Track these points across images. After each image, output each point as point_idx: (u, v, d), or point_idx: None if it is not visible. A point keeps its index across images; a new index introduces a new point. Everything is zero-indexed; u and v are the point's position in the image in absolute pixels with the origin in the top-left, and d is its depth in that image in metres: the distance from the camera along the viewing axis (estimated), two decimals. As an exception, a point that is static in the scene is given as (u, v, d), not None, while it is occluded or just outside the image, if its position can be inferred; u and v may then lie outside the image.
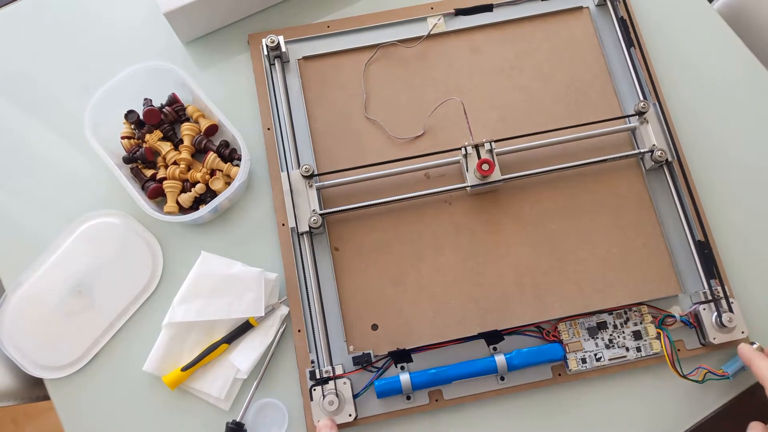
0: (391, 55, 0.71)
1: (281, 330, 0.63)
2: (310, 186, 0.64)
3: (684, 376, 0.58)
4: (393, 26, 0.72)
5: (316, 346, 0.61)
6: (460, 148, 0.64)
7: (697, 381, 0.59)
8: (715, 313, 0.61)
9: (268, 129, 0.68)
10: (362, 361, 0.60)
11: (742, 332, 0.60)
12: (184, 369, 0.60)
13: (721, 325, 0.60)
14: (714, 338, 0.60)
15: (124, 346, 0.63)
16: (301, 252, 0.63)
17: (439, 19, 0.71)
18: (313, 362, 0.60)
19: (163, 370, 0.61)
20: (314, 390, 0.59)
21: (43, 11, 0.75)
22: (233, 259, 0.64)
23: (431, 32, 0.71)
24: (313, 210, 0.63)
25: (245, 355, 0.62)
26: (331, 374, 0.59)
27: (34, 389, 0.75)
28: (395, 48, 0.71)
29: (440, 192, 0.65)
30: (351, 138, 0.68)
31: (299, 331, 0.62)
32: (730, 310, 0.60)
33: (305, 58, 0.70)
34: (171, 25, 0.69)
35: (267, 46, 0.67)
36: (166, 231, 0.67)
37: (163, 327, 0.62)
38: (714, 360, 0.62)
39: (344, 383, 0.59)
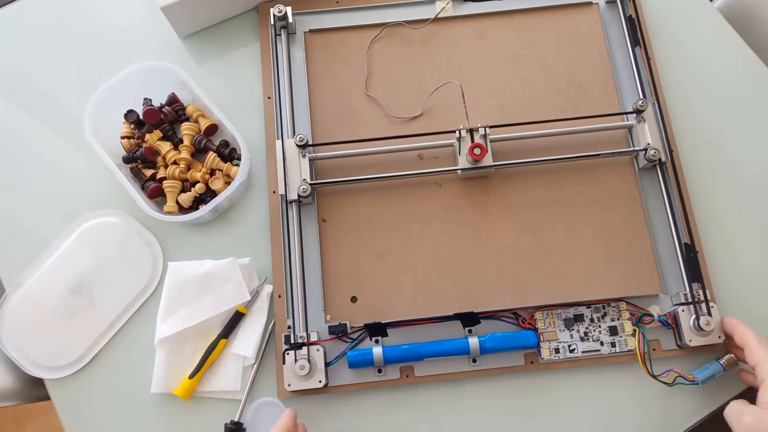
0: (397, 35, 0.71)
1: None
2: (303, 156, 0.65)
3: (654, 377, 0.58)
4: (401, 7, 0.72)
5: (293, 311, 0.62)
6: (454, 131, 0.65)
7: (666, 383, 0.59)
8: (694, 316, 0.60)
9: (269, 98, 0.69)
10: (338, 331, 0.61)
11: (719, 337, 0.60)
12: (191, 376, 0.61)
13: (698, 328, 0.60)
14: (690, 340, 0.60)
15: (124, 345, 0.64)
16: (288, 220, 0.64)
17: (447, 3, 0.72)
18: (289, 327, 0.62)
19: (170, 385, 0.61)
20: (287, 354, 0.60)
21: (42, 11, 0.75)
22: (230, 259, 0.64)
23: (438, 15, 0.71)
24: (304, 179, 0.64)
25: (246, 341, 0.62)
26: (306, 340, 0.60)
27: (35, 389, 0.75)
28: (401, 28, 0.72)
29: (431, 173, 0.66)
30: (349, 113, 0.69)
31: (279, 296, 0.63)
32: (709, 314, 0.60)
33: (311, 31, 0.71)
34: (168, 19, 0.69)
35: (274, 15, 0.68)
36: (166, 231, 0.67)
37: (156, 346, 0.62)
38: (688, 363, 0.62)
39: (317, 350, 0.60)
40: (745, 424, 0.52)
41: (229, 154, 0.67)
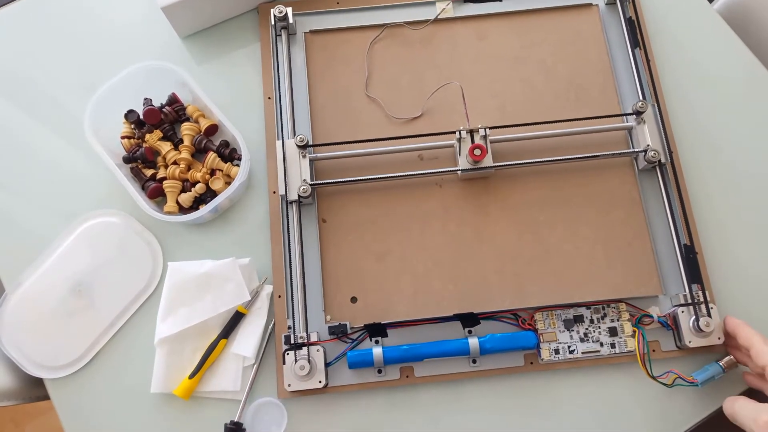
0: (397, 36, 0.72)
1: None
2: (304, 156, 0.65)
3: (654, 378, 0.58)
4: (401, 7, 0.72)
5: (293, 312, 0.62)
6: (454, 132, 0.65)
7: (665, 384, 0.59)
8: (693, 317, 0.61)
9: (269, 98, 0.70)
10: (338, 332, 0.61)
11: (719, 338, 0.60)
12: (191, 376, 0.61)
13: (698, 330, 0.60)
14: (690, 342, 0.60)
15: (124, 345, 0.63)
16: (288, 220, 0.64)
17: (447, 4, 0.72)
18: (289, 328, 0.62)
19: (170, 385, 0.61)
20: (287, 354, 0.60)
21: (43, 11, 0.75)
22: (230, 259, 0.63)
23: (439, 16, 0.72)
24: (304, 180, 0.64)
25: (246, 341, 0.62)
26: (306, 341, 0.60)
27: (34, 389, 0.75)
28: (401, 29, 0.72)
29: (432, 173, 0.66)
30: (349, 114, 0.69)
31: (279, 296, 0.63)
32: (709, 315, 0.60)
33: (312, 31, 0.71)
34: (168, 19, 0.69)
35: (275, 15, 0.68)
36: (166, 231, 0.67)
37: (156, 346, 0.62)
38: (687, 364, 0.62)
39: (317, 350, 0.60)
40: (763, 423, 0.52)
41: (230, 154, 0.67)
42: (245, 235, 0.67)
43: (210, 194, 0.66)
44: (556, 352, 0.61)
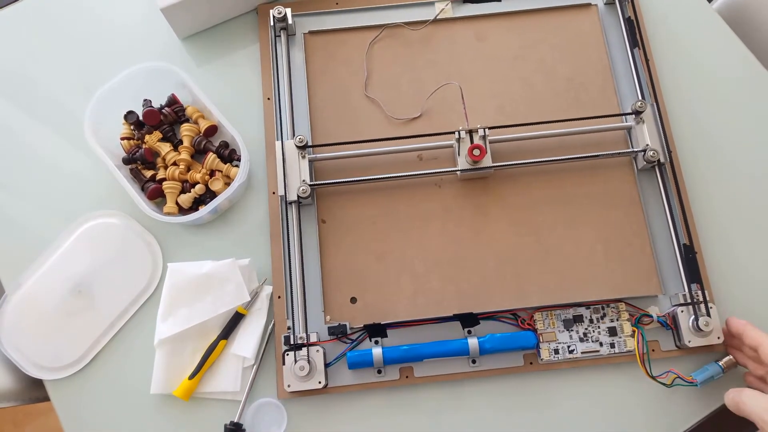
0: (396, 37, 0.72)
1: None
2: (303, 157, 0.65)
3: (653, 377, 0.58)
4: (400, 8, 0.72)
5: (293, 312, 0.62)
6: (454, 132, 0.65)
7: (665, 384, 0.59)
8: (693, 317, 0.61)
9: (268, 99, 0.70)
10: (337, 332, 0.61)
11: (718, 338, 0.60)
12: (191, 377, 0.61)
13: (697, 329, 0.60)
14: (689, 341, 0.60)
15: (124, 346, 0.64)
16: (287, 221, 0.65)
17: (446, 5, 0.72)
18: (289, 328, 0.62)
19: (169, 386, 0.61)
20: (287, 355, 0.60)
21: (43, 11, 0.75)
22: (230, 259, 0.64)
23: (438, 17, 0.72)
24: (303, 180, 0.64)
25: (246, 342, 0.62)
26: (305, 341, 0.60)
27: (34, 390, 0.75)
28: (401, 30, 0.72)
29: (431, 174, 0.66)
30: (348, 114, 0.69)
31: (279, 297, 0.63)
32: (708, 315, 0.60)
33: (311, 32, 0.71)
34: (168, 20, 0.69)
35: (274, 16, 0.68)
36: (165, 232, 0.67)
37: (156, 347, 0.62)
38: (687, 363, 0.62)
39: (317, 351, 0.60)
40: None
41: (229, 155, 0.67)
42: (245, 236, 0.67)
43: (209, 195, 0.66)
44: (556, 352, 0.61)
